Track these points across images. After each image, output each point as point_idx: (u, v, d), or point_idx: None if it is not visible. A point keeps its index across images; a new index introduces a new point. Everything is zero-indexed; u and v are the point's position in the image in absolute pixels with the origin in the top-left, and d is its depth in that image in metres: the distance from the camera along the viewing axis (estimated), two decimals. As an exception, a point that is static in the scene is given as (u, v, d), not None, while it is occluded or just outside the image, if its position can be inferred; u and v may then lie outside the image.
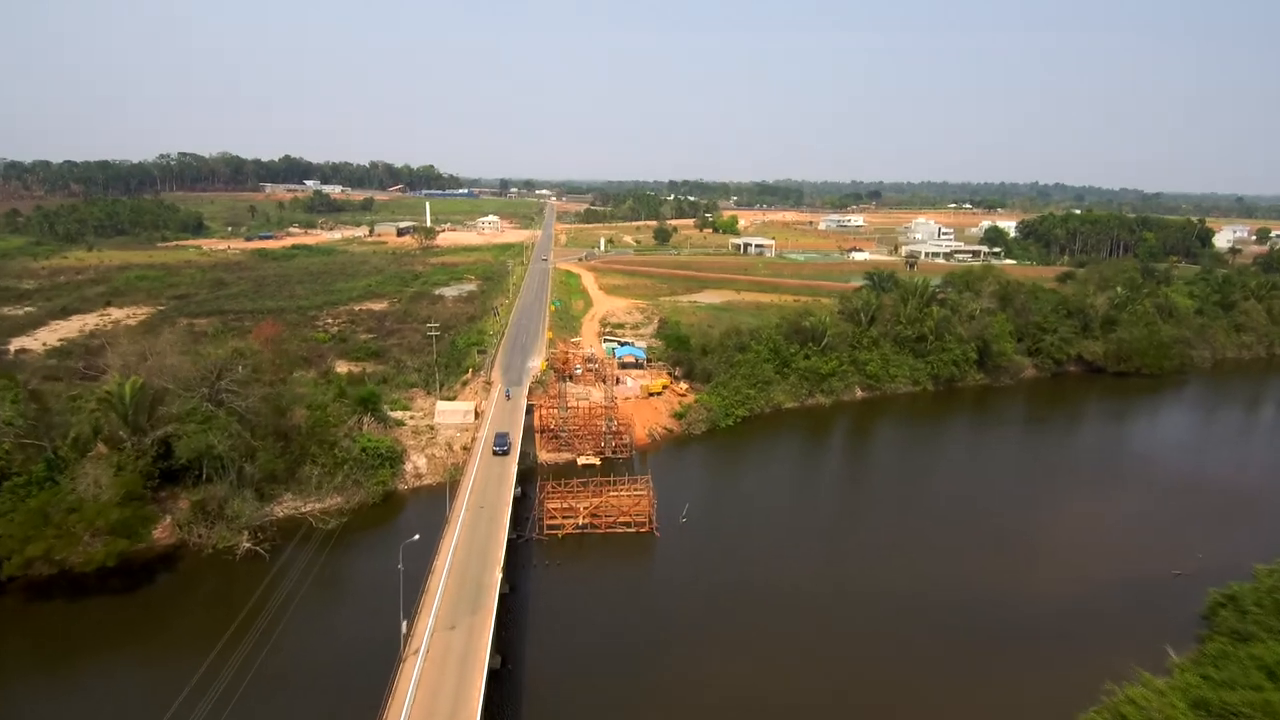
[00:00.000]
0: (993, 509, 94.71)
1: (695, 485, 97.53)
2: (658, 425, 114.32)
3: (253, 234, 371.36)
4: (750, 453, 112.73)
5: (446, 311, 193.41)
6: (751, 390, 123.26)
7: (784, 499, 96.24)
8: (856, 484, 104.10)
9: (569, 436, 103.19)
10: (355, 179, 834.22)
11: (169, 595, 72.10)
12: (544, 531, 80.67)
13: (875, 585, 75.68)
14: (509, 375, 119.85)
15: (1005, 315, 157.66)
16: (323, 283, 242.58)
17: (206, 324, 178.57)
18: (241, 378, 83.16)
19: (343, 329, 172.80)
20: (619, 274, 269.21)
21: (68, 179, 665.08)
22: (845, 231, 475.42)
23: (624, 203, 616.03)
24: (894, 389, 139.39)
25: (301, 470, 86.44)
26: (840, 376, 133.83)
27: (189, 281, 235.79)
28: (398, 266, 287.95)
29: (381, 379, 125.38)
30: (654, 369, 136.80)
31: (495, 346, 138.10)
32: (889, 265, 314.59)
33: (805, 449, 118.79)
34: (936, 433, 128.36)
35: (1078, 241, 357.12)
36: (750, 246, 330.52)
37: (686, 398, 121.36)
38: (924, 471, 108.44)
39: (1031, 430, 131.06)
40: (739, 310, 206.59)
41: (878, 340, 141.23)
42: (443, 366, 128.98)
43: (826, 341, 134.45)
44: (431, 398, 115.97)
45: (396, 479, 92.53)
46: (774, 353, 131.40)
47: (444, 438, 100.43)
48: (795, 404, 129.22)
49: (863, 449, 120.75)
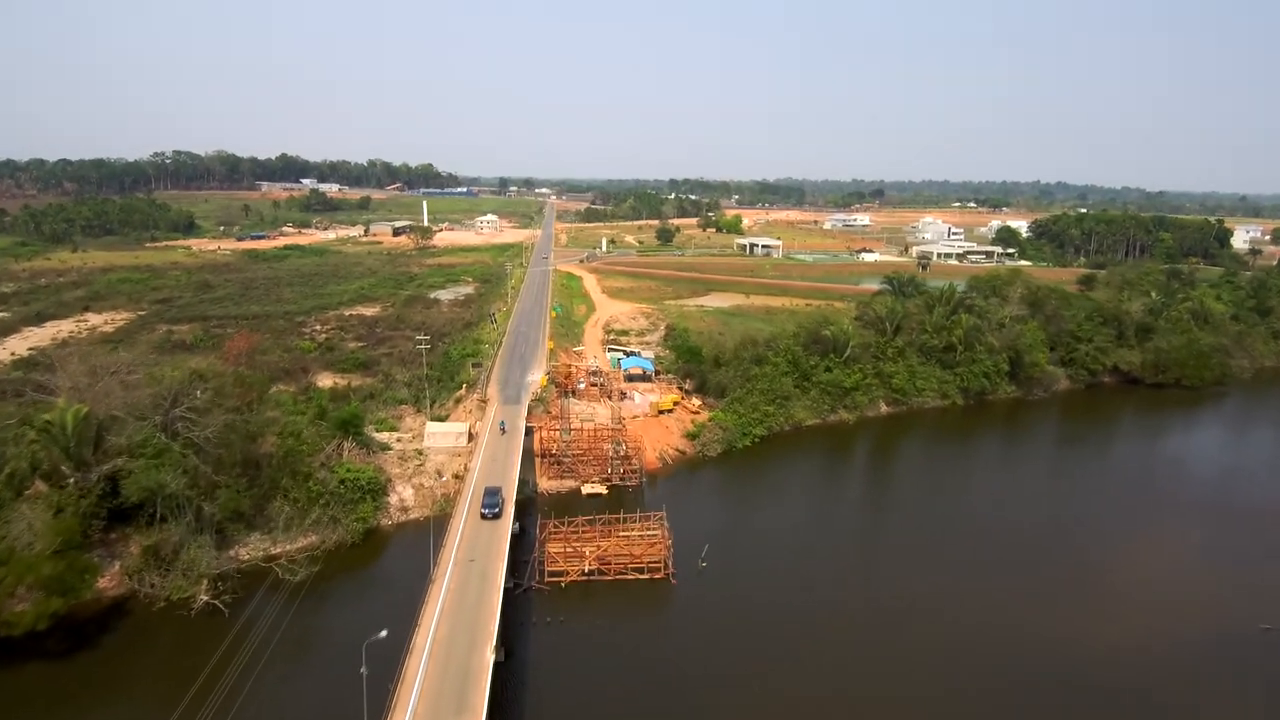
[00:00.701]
0: (1043, 544, 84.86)
1: (713, 519, 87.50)
2: (669, 447, 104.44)
3: (244, 234, 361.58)
4: (772, 479, 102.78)
5: (441, 317, 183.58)
6: (770, 407, 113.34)
7: (813, 535, 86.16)
8: (891, 515, 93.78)
9: (572, 462, 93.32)
10: (353, 177, 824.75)
11: (113, 659, 62.21)
12: (545, 579, 70.77)
13: (924, 642, 65.85)
14: (506, 391, 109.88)
15: (1036, 323, 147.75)
16: (313, 285, 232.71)
17: (187, 330, 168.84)
18: (200, 404, 73.14)
19: (330, 336, 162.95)
20: (622, 276, 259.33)
21: (61, 177, 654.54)
22: (851, 231, 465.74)
23: (625, 202, 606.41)
24: (921, 403, 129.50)
25: (271, 506, 76.55)
26: (864, 390, 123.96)
27: (173, 285, 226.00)
28: (392, 268, 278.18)
29: (368, 394, 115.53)
30: (663, 382, 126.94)
31: (492, 358, 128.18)
32: (900, 267, 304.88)
33: (831, 473, 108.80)
34: (971, 453, 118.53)
35: (1092, 242, 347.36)
36: (757, 247, 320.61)
37: (699, 415, 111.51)
38: (963, 499, 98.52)
39: (1075, 450, 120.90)
40: (749, 315, 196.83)
41: (903, 350, 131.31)
42: (434, 381, 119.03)
43: (849, 353, 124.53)
44: (422, 416, 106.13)
45: (379, 514, 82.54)
46: (793, 365, 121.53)
47: (433, 464, 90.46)
48: (816, 421, 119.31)
49: (893, 473, 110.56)
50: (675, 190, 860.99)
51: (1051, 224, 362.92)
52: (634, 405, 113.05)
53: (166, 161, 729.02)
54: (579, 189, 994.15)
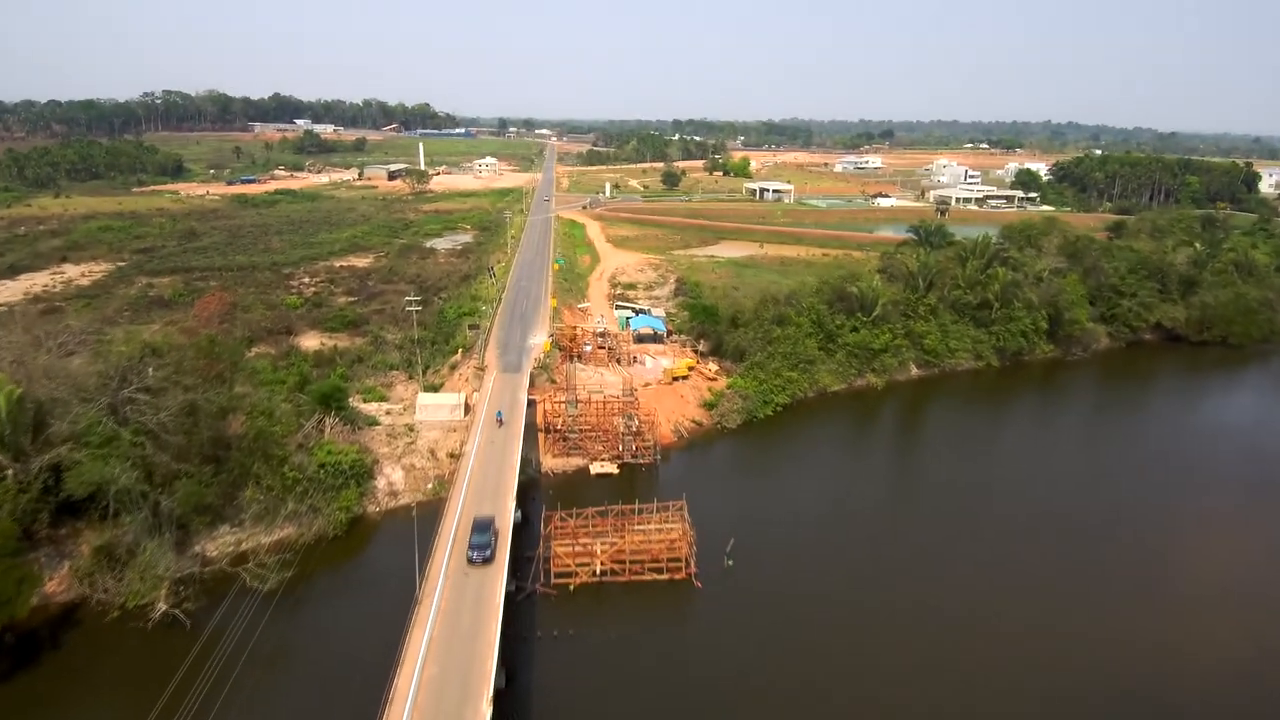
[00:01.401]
0: (1101, 531, 76.27)
1: (737, 504, 78.72)
2: (684, 418, 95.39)
3: (234, 178, 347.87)
4: (798, 454, 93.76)
5: (437, 269, 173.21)
6: (793, 372, 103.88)
7: (848, 521, 77.38)
8: (932, 496, 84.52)
9: (580, 438, 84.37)
10: (348, 118, 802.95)
11: (57, 679, 54.21)
12: (551, 582, 62.36)
13: (989, 653, 57.72)
14: (506, 357, 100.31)
15: (1075, 276, 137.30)
16: (304, 233, 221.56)
17: (168, 284, 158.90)
18: (154, 382, 63.80)
19: (319, 291, 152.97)
20: (627, 223, 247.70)
21: (49, 119, 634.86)
22: (863, 174, 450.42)
23: (628, 144, 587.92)
24: (954, 365, 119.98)
25: (241, 496, 67.87)
26: (893, 352, 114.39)
27: (157, 233, 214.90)
28: (387, 214, 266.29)
29: (356, 358, 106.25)
30: (675, 344, 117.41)
31: (490, 317, 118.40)
32: (918, 213, 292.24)
33: (863, 447, 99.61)
34: (1012, 422, 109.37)
35: (1116, 185, 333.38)
36: (767, 192, 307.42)
37: (717, 382, 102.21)
38: (1009, 476, 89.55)
39: (1125, 418, 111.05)
40: (762, 266, 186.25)
41: (935, 308, 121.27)
42: (428, 345, 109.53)
43: (878, 311, 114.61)
44: (414, 383, 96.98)
45: (365, 500, 73.85)
46: (817, 325, 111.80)
47: (426, 442, 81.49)
48: (842, 386, 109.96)
49: (930, 446, 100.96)
50: (679, 132, 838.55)
51: (1073, 167, 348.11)
52: (645, 371, 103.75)
53: (156, 102, 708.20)
54: (580, 130, 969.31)
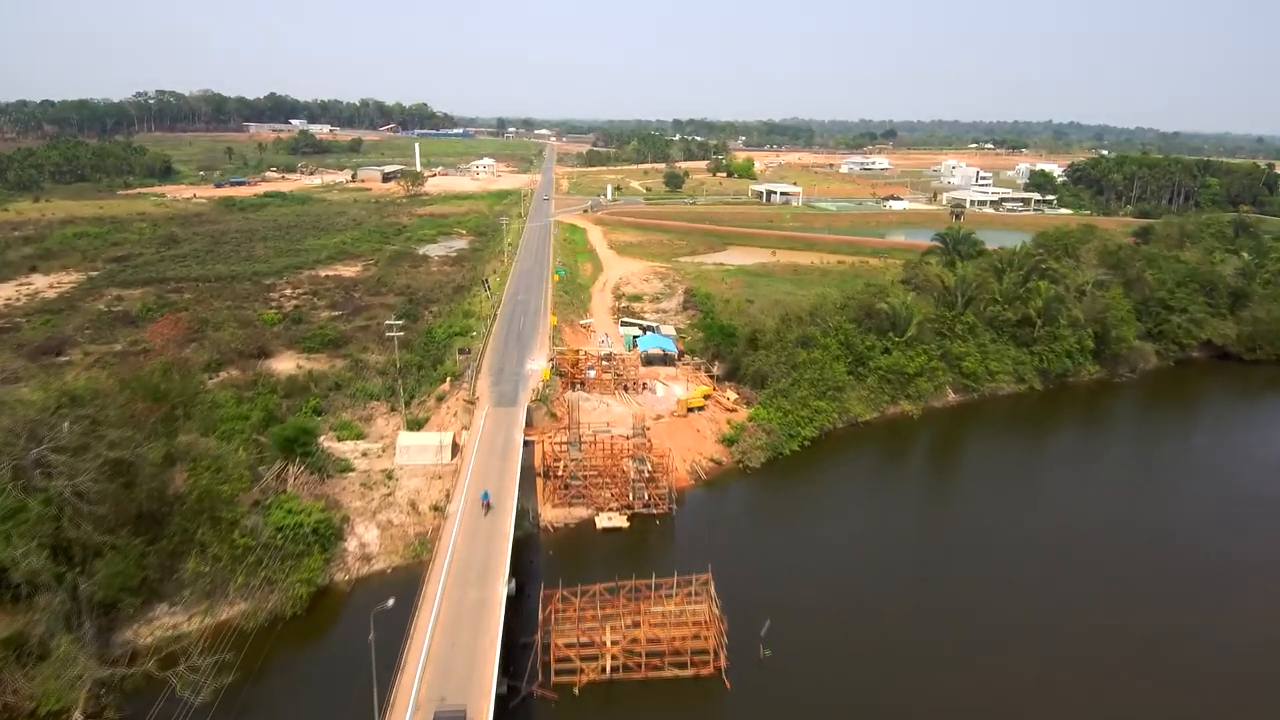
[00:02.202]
0: (1186, 585, 65.50)
1: (770, 568, 67.52)
2: (701, 456, 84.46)
3: (223, 180, 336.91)
4: (833, 499, 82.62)
5: (429, 279, 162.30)
6: (821, 401, 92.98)
7: (899, 589, 65.60)
8: (992, 550, 73.15)
9: (584, 485, 73.46)
10: (345, 118, 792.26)
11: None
12: (551, 682, 51.40)
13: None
14: (500, 386, 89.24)
15: (1118, 289, 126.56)
16: (290, 239, 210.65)
17: (139, 296, 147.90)
18: (73, 439, 52.75)
19: (300, 304, 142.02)
20: (630, 228, 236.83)
21: (41, 120, 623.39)
22: (870, 175, 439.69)
23: (628, 144, 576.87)
24: (994, 389, 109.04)
25: (183, 569, 56.92)
26: (929, 376, 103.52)
27: (136, 239, 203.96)
28: (379, 218, 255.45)
29: (334, 385, 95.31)
30: (688, 366, 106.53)
31: (484, 337, 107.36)
32: (931, 216, 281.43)
33: (905, 489, 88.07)
34: (1069, 455, 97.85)
35: (1134, 188, 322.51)
36: (775, 195, 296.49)
37: (736, 413, 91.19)
38: (1078, 523, 78.37)
39: (1190, 449, 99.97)
40: (775, 276, 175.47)
41: (974, 327, 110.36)
42: (414, 369, 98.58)
43: (912, 332, 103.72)
44: (396, 415, 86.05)
45: (332, 566, 62.86)
46: (845, 347, 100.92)
47: (406, 492, 70.55)
48: (875, 415, 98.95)
49: (983, 486, 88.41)
50: (680, 132, 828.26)
51: (1089, 168, 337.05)
52: (656, 400, 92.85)
53: (150, 103, 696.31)
54: (580, 130, 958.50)
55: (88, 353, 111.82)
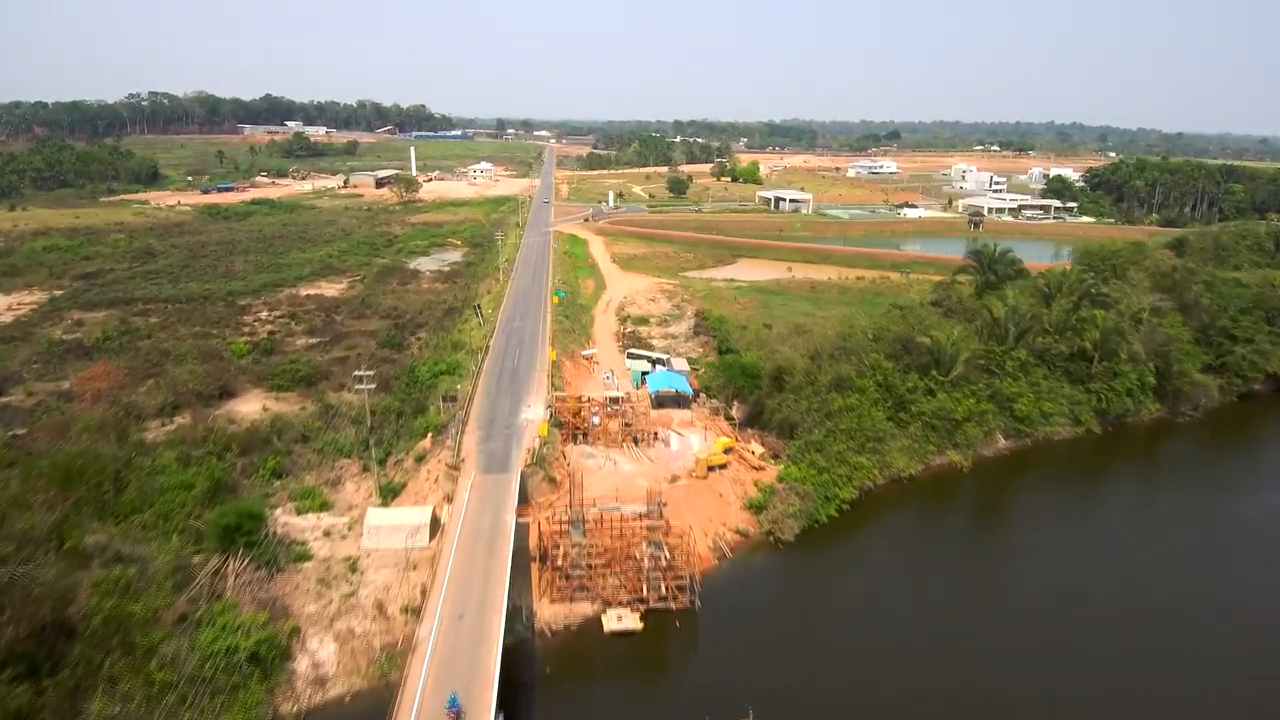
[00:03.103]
0: None
1: (817, 688, 55.40)
2: (725, 527, 72.23)
3: (211, 186, 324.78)
4: (881, 580, 69.66)
5: (418, 299, 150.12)
6: (862, 457, 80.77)
7: (985, 705, 53.96)
8: (1096, 648, 60.93)
9: (589, 575, 61.22)
10: (341, 119, 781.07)
11: None
12: None
13: None
14: (490, 444, 76.74)
15: (1177, 316, 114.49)
16: (273, 251, 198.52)
17: (102, 319, 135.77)
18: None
19: (276, 330, 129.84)
20: (633, 239, 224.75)
21: (31, 122, 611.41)
22: (878, 180, 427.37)
23: (629, 146, 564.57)
24: (1049, 433, 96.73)
25: (87, 710, 44.80)
26: (977, 420, 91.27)
27: (109, 252, 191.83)
28: (370, 227, 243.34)
29: (301, 435, 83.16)
30: (704, 408, 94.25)
31: (474, 377, 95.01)
32: (947, 224, 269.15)
33: (963, 561, 74.97)
34: (1144, 511, 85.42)
35: (1156, 194, 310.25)
36: (783, 202, 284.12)
37: (764, 472, 78.90)
38: (1165, 592, 66.47)
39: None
40: (791, 293, 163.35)
41: (1026, 364, 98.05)
42: (393, 416, 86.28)
43: (958, 371, 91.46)
44: (369, 479, 73.84)
45: (277, 695, 50.62)
46: (884, 389, 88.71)
47: (373, 590, 58.31)
48: (919, 468, 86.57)
49: (1054, 554, 74.61)
50: (680, 133, 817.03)
51: (1109, 173, 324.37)
52: (671, 455, 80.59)
53: (143, 104, 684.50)
54: (579, 131, 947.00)
55: (31, 392, 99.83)
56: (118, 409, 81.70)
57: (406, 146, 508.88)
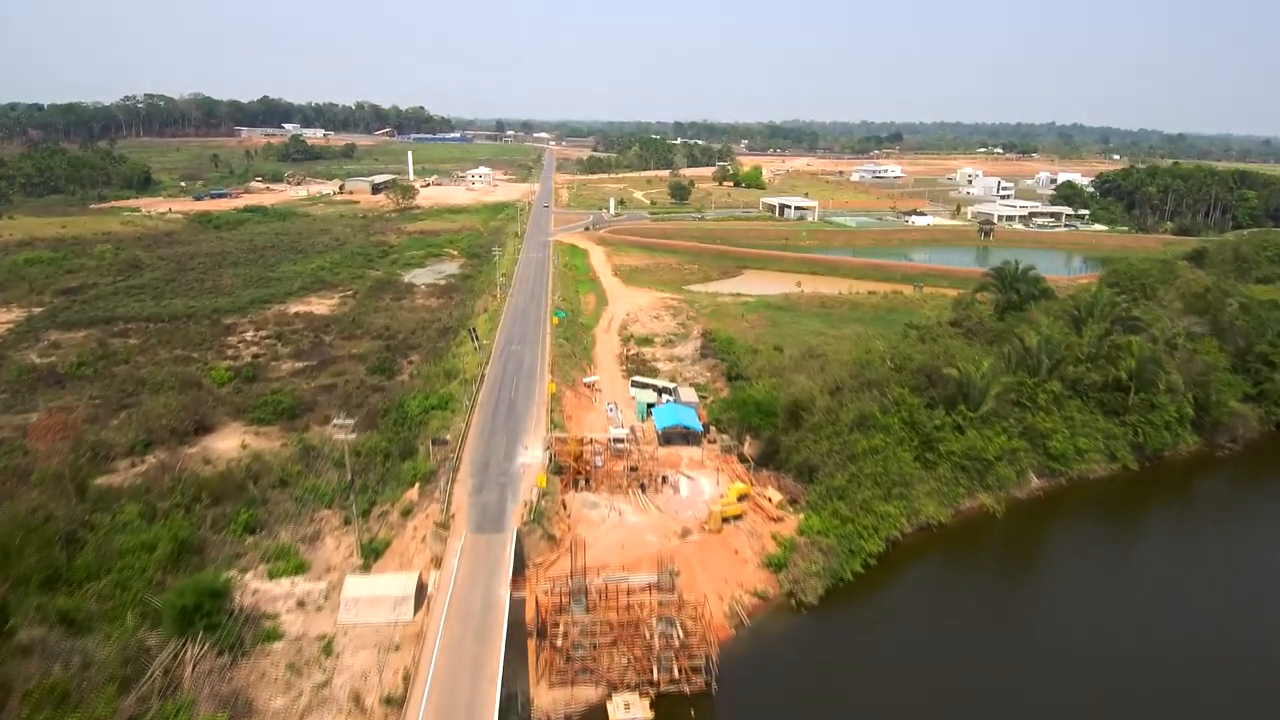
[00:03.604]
0: None
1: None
2: (742, 589, 65.68)
3: (203, 192, 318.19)
4: (917, 647, 63.05)
5: (411, 318, 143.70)
6: (889, 505, 74.28)
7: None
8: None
9: (592, 655, 54.73)
10: (339, 121, 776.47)
11: None
12: None
13: None
14: (483, 495, 70.12)
15: (1213, 342, 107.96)
16: (264, 263, 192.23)
17: (81, 339, 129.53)
18: None
19: (261, 352, 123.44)
20: (635, 249, 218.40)
21: (26, 125, 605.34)
22: (883, 184, 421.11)
23: (630, 149, 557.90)
24: (1084, 471, 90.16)
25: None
26: (1009, 459, 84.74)
27: (94, 265, 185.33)
28: (365, 236, 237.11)
29: (279, 480, 76.71)
30: (714, 444, 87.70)
31: (467, 411, 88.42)
32: (957, 233, 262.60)
33: (1007, 622, 68.15)
34: (1195, 558, 78.88)
35: (1169, 201, 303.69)
36: (788, 208, 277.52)
37: (783, 523, 72.39)
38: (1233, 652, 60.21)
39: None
40: (801, 310, 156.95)
41: (1060, 397, 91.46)
42: (379, 458, 79.77)
43: (989, 406, 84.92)
44: (350, 534, 67.32)
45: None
46: (910, 426, 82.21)
47: (349, 677, 51.73)
48: (949, 513, 79.99)
49: (1107, 611, 68.71)
50: (681, 135, 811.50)
51: (1120, 179, 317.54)
52: (681, 503, 74.09)
53: (139, 106, 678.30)
54: (579, 132, 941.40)
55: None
56: (79, 454, 75.01)
57: (405, 150, 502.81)
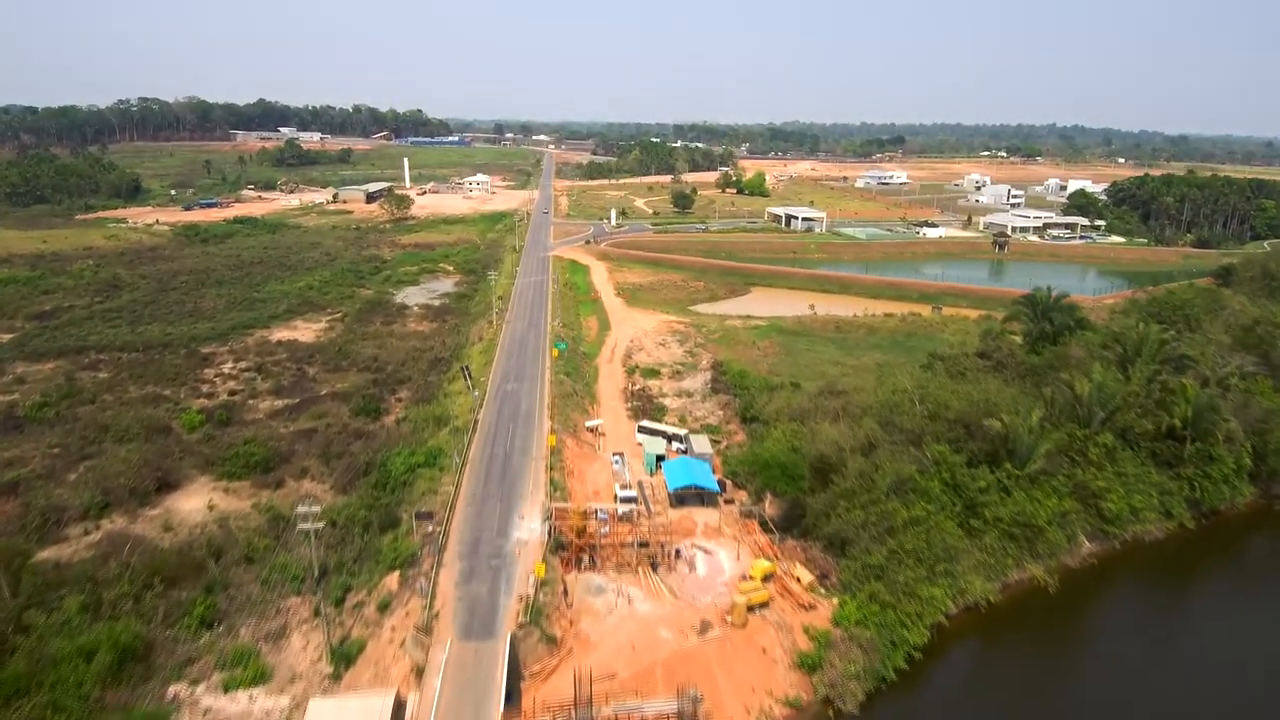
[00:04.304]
0: None
1: None
2: (771, 697, 56.96)
3: (193, 202, 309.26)
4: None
5: (402, 345, 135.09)
6: (935, 588, 65.70)
7: None
8: None
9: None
10: (337, 124, 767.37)
11: None
12: None
13: None
14: (472, 584, 61.20)
15: (1266, 380, 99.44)
16: (250, 282, 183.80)
17: (51, 370, 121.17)
18: None
19: (239, 388, 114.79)
20: (638, 264, 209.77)
21: (19, 129, 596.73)
22: (889, 191, 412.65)
23: (630, 153, 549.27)
24: (1140, 532, 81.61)
25: None
26: (1059, 521, 76.18)
27: (72, 285, 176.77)
28: (357, 250, 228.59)
29: (244, 556, 68.17)
30: (731, 505, 79.13)
31: (457, 470, 79.70)
32: (971, 245, 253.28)
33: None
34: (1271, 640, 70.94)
35: (1186, 210, 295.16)
36: (795, 220, 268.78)
37: (815, 611, 63.77)
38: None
39: None
40: (815, 335, 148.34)
41: (1113, 450, 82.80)
42: (356, 530, 71.10)
43: (1039, 465, 76.36)
44: (319, 628, 58.64)
45: None
46: (952, 488, 73.67)
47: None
48: (996, 588, 71.42)
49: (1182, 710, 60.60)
50: (680, 137, 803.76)
51: (1135, 188, 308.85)
52: (698, 585, 65.50)
53: (132, 110, 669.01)
54: (579, 134, 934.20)
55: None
56: (26, 524, 66.52)
57: (402, 154, 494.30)
